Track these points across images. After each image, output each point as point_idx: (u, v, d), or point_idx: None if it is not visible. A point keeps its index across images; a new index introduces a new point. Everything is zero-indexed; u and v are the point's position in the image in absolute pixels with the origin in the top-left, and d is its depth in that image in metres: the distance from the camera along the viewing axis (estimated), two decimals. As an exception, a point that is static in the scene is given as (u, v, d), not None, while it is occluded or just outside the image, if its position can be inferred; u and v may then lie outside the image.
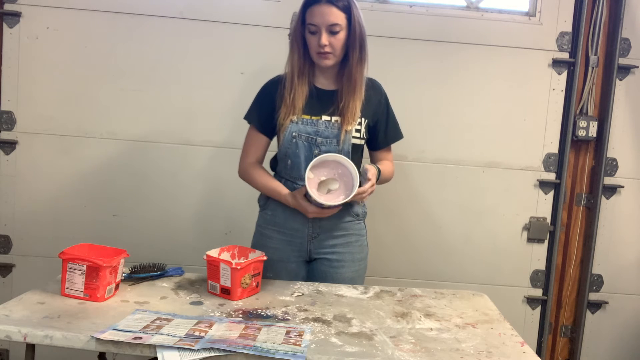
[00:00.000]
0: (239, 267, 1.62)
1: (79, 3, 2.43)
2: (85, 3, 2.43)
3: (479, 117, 2.56)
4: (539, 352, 2.65)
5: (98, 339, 1.29)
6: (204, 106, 2.50)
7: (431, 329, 1.53)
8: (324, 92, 1.88)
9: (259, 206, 1.99)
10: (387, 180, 1.99)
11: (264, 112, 1.90)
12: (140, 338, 1.29)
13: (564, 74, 2.55)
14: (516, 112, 2.56)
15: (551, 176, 2.60)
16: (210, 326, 1.41)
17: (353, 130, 1.85)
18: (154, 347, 1.27)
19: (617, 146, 2.59)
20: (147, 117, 2.49)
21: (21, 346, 1.37)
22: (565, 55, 2.55)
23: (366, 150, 1.98)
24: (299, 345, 1.33)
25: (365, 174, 1.80)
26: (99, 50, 2.46)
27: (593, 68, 2.55)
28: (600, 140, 2.58)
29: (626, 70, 2.55)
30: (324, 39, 1.77)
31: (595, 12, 2.52)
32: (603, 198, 2.60)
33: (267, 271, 1.84)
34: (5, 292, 2.47)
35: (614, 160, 2.60)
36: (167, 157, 2.51)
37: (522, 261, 2.63)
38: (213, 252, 1.71)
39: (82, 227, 2.49)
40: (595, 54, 2.54)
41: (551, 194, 2.61)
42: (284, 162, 1.90)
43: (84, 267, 1.53)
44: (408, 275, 2.59)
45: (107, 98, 2.47)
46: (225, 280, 1.63)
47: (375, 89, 1.93)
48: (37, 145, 2.48)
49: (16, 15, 2.42)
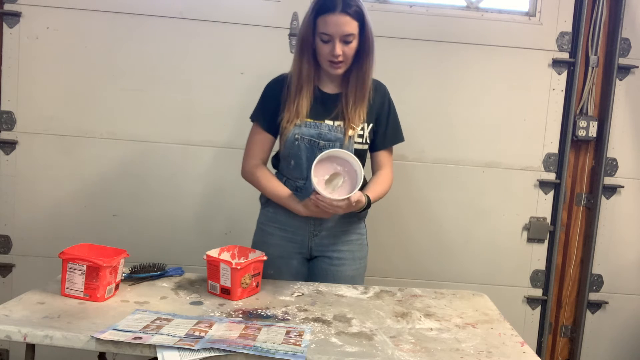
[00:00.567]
0: (239, 267, 1.62)
1: (79, 3, 2.43)
2: (85, 3, 2.43)
3: (479, 117, 2.55)
4: (539, 352, 2.64)
5: (98, 339, 1.29)
6: (204, 106, 2.49)
7: (431, 329, 1.53)
8: (328, 96, 1.87)
9: (261, 204, 1.99)
10: (381, 197, 1.92)
11: (269, 111, 1.88)
12: (140, 338, 1.30)
13: (564, 74, 2.55)
14: (516, 112, 2.56)
15: (551, 176, 2.60)
16: (210, 326, 1.41)
17: (356, 135, 1.84)
18: (154, 347, 1.27)
19: (617, 146, 2.59)
20: (147, 117, 2.49)
21: (21, 346, 1.37)
22: (565, 55, 2.54)
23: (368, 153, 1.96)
24: (299, 345, 1.33)
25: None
26: (99, 50, 2.46)
27: (593, 68, 2.54)
28: (600, 140, 2.58)
29: (626, 70, 2.55)
30: (338, 49, 1.75)
31: (595, 12, 2.52)
32: (603, 198, 2.60)
33: (269, 268, 1.83)
34: (5, 292, 2.46)
35: (614, 160, 2.60)
36: (167, 157, 2.51)
37: (522, 261, 2.63)
38: (213, 252, 1.71)
39: (82, 227, 2.49)
40: (595, 54, 2.54)
41: (551, 194, 2.61)
42: (286, 162, 1.90)
43: (84, 267, 1.53)
44: (408, 275, 2.59)
45: (107, 98, 2.47)
46: (225, 280, 1.63)
47: (379, 92, 1.91)
48: (37, 145, 2.48)
49: (16, 15, 2.42)
